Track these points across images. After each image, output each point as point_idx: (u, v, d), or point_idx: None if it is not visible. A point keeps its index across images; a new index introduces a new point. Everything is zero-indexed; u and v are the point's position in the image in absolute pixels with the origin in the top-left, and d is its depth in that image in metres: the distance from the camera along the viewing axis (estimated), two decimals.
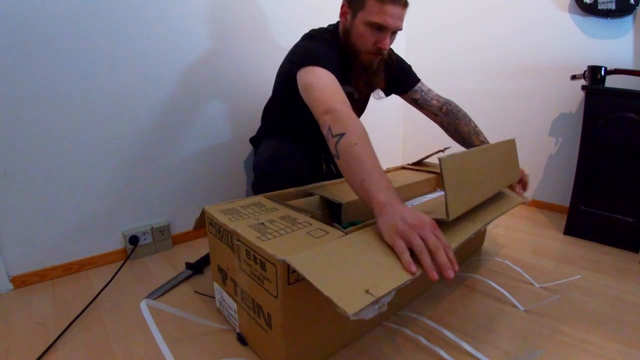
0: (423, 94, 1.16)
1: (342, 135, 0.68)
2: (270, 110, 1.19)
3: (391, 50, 1.08)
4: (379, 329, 0.79)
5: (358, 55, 0.95)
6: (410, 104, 1.19)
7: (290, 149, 1.00)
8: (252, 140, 1.24)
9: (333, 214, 0.86)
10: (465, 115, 1.13)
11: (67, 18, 0.94)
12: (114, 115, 1.06)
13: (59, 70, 0.95)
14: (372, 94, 1.16)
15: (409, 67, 1.17)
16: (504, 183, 0.92)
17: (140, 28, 1.07)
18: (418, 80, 1.16)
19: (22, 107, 0.91)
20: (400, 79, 1.14)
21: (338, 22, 1.00)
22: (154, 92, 1.13)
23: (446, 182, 0.63)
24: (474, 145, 1.06)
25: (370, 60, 0.95)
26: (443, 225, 0.66)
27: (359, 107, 1.17)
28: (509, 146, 0.94)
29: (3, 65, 0.87)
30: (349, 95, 1.03)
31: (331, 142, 0.70)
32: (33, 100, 0.92)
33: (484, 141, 1.06)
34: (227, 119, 1.32)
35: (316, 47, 0.90)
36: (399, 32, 0.94)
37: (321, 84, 0.79)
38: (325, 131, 0.72)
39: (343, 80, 0.96)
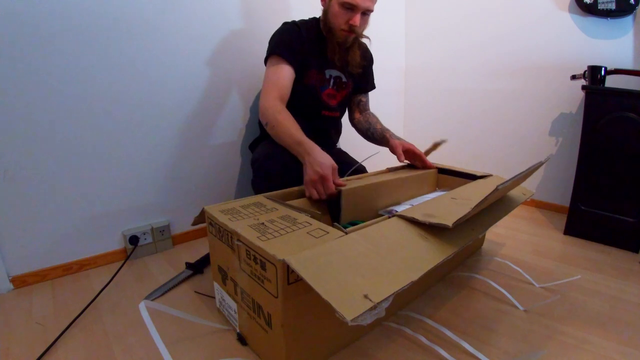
0: (367, 98, 1.32)
1: (268, 123, 0.98)
2: None
3: (367, 46, 1.25)
4: (379, 329, 0.79)
5: (334, 32, 1.07)
6: (354, 104, 1.30)
7: None
8: (251, 146, 1.26)
9: (332, 210, 0.87)
10: (376, 116, 1.30)
11: (69, 16, 0.94)
12: (113, 115, 1.06)
13: (59, 70, 0.95)
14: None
15: (372, 74, 1.32)
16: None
17: (143, 29, 1.07)
18: (373, 87, 1.32)
19: (23, 107, 0.91)
20: (366, 80, 1.28)
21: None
22: (155, 93, 1.13)
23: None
24: (386, 139, 1.19)
25: (345, 37, 1.07)
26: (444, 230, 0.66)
27: (347, 94, 1.25)
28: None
29: (3, 65, 0.87)
30: (338, 79, 1.18)
31: (267, 129, 0.99)
32: (33, 100, 0.92)
33: (392, 135, 1.20)
34: (227, 120, 1.32)
35: (282, 35, 1.07)
36: (372, 13, 1.07)
37: (268, 83, 1.02)
38: (263, 123, 1.01)
39: (325, 63, 1.12)
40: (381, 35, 1.93)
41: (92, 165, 1.04)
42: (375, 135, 1.23)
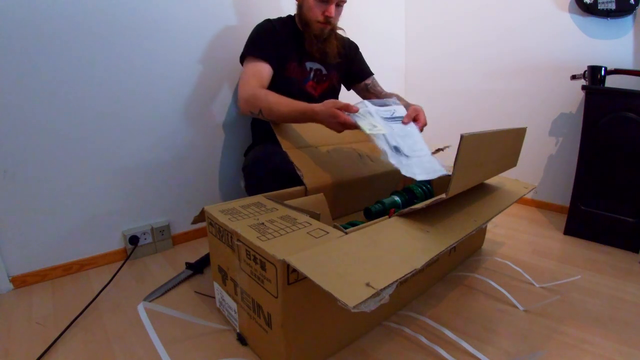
0: (373, 80, 1.33)
1: (261, 109, 0.97)
2: (257, 119, 1.22)
3: (349, 39, 1.29)
4: (379, 329, 0.79)
5: (310, 25, 1.11)
6: (361, 90, 1.33)
7: (277, 149, 1.01)
8: (245, 153, 1.27)
9: None
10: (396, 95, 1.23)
11: (68, 16, 0.94)
12: (114, 115, 1.06)
13: (59, 70, 0.95)
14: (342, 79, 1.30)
15: (363, 60, 1.34)
16: (502, 169, 0.95)
17: (143, 28, 1.07)
18: (372, 73, 1.33)
19: (23, 107, 0.91)
20: (360, 68, 1.31)
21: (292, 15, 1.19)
22: (155, 93, 1.13)
23: (459, 161, 0.65)
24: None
25: (321, 29, 1.11)
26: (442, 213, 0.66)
27: (329, 86, 1.24)
28: (519, 134, 0.98)
29: (4, 64, 0.87)
30: (318, 71, 1.20)
31: (261, 117, 0.98)
32: (33, 100, 0.92)
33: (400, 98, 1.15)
34: (227, 120, 1.32)
35: (256, 34, 1.10)
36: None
37: (246, 75, 1.04)
38: (249, 113, 1.00)
39: (304, 56, 1.14)
40: (381, 34, 1.93)
41: (92, 165, 1.04)
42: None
